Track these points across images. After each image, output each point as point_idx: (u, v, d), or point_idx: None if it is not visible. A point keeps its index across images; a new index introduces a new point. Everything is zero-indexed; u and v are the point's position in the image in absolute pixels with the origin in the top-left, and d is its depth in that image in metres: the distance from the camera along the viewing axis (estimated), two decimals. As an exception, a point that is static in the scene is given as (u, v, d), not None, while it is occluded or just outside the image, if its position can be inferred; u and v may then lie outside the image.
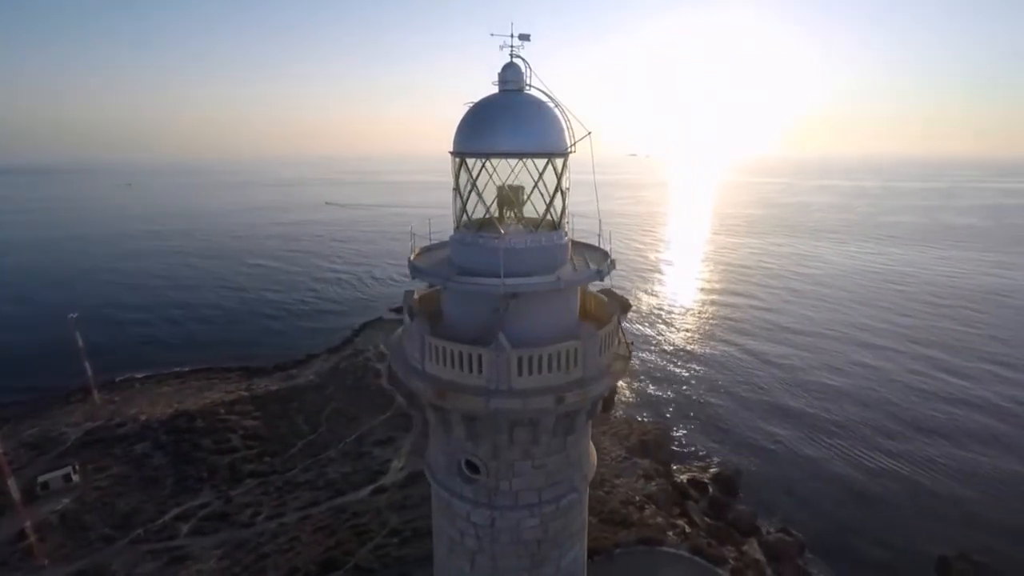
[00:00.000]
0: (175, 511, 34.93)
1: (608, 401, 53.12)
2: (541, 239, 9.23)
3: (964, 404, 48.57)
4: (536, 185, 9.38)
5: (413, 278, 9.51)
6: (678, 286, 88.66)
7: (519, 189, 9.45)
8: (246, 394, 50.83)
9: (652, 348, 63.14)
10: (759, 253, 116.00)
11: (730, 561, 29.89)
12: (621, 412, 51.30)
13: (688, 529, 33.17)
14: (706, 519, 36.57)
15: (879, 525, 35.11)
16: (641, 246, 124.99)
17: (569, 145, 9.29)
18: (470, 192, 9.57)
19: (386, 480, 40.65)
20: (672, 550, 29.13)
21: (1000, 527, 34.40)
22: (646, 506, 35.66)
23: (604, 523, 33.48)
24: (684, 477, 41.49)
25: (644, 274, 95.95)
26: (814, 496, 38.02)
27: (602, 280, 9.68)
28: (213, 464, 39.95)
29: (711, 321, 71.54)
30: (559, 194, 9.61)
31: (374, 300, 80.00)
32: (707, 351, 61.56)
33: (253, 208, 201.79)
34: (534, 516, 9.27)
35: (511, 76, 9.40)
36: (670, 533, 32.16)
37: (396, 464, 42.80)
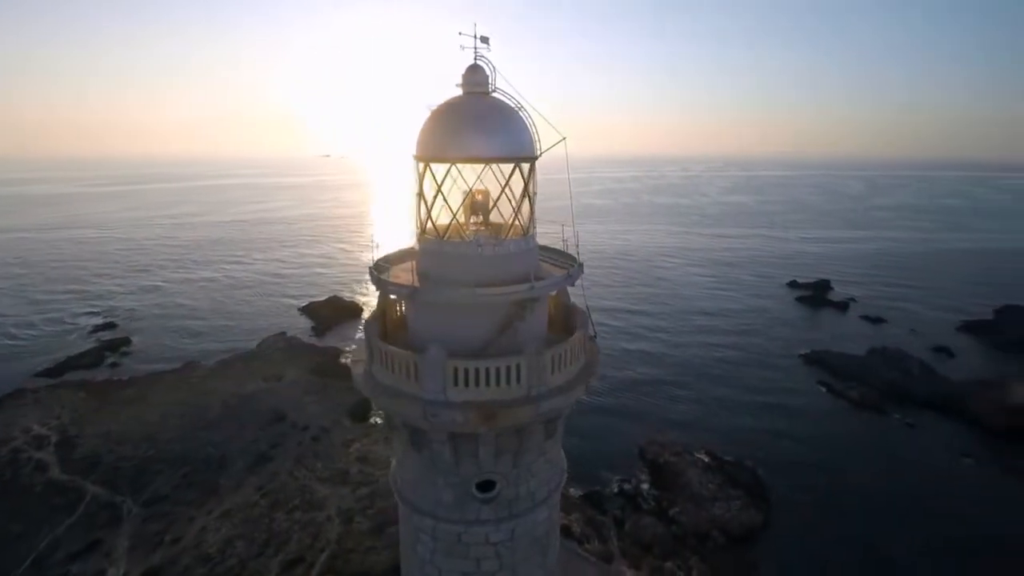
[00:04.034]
0: None
1: (365, 413, 51.88)
2: (529, 243, 9.02)
3: (638, 337, 66.02)
4: (527, 190, 9.07)
5: (412, 299, 7.83)
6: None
7: (487, 194, 8.94)
8: None
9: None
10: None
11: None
12: (378, 418, 50.72)
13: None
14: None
15: (602, 440, 45.36)
16: (353, 248, 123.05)
17: (538, 149, 9.28)
18: (465, 200, 8.51)
19: (105, 598, 30.20)
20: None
21: (674, 418, 48.76)
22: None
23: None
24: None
25: (359, 276, 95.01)
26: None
27: (582, 271, 10.08)
28: None
29: None
30: (524, 199, 9.49)
31: (-6, 372, 55.39)
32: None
33: None
34: (546, 508, 9.24)
35: (479, 79, 8.78)
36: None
37: (113, 573, 32.07)
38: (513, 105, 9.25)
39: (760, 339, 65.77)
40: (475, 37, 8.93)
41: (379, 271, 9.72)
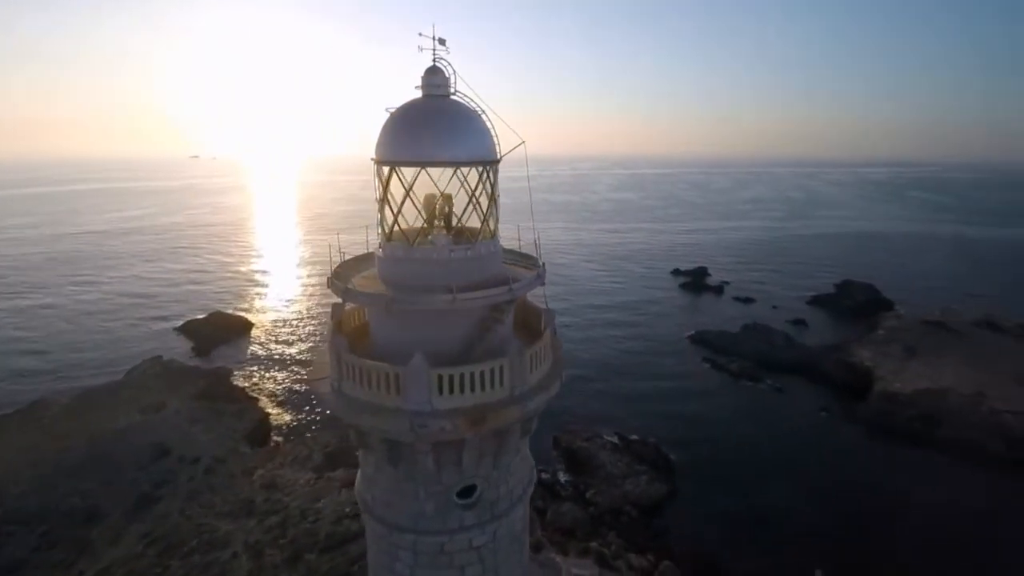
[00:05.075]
0: None
1: (265, 436, 48.48)
2: (497, 245, 8.81)
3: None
4: (473, 193, 8.78)
5: (389, 308, 7.17)
6: (283, 296, 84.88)
7: (450, 198, 8.58)
8: None
9: (278, 367, 59.25)
10: (355, 248, 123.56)
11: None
12: (281, 439, 47.48)
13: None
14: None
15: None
16: (233, 258, 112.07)
17: (499, 152, 9.09)
18: (435, 205, 7.97)
19: None
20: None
21: (584, 407, 50.74)
22: (360, 513, 35.23)
23: (327, 551, 31.31)
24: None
25: (244, 289, 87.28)
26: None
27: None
28: None
29: (321, 322, 71.76)
30: (493, 202, 9.28)
31: None
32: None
33: None
34: (522, 504, 9.17)
35: (438, 80, 8.35)
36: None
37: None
38: (475, 108, 9.23)
39: (652, 325, 71.29)
40: (434, 39, 8.73)
41: (342, 280, 9.13)
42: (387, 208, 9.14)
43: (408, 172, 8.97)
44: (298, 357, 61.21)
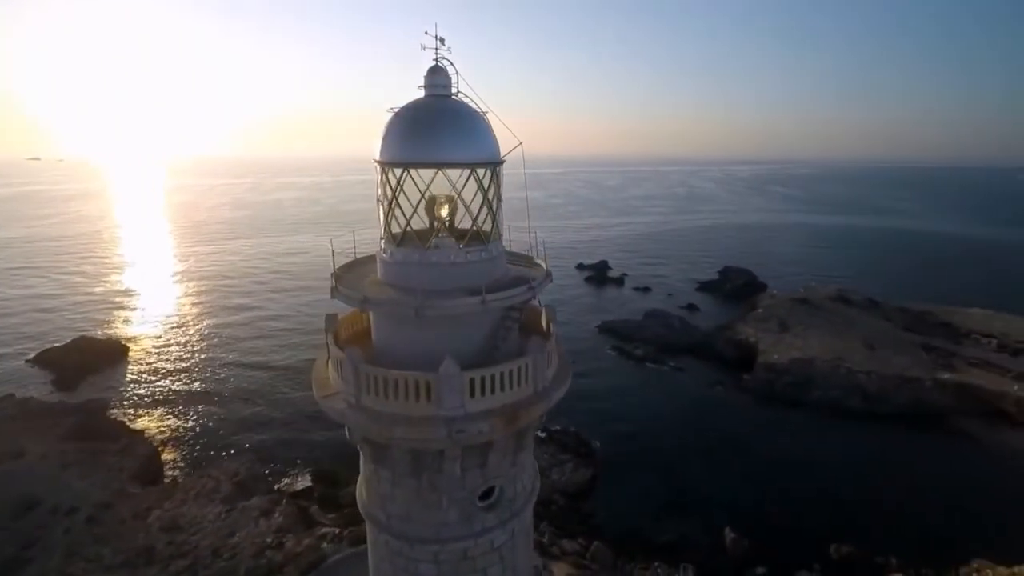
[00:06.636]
0: None
1: (157, 472, 43.69)
2: (500, 247, 8.53)
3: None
4: (486, 195, 8.53)
5: (418, 314, 6.48)
6: (162, 315, 75.85)
7: (452, 199, 8.16)
8: None
9: (165, 394, 53.11)
10: (248, 256, 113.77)
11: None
12: (178, 473, 42.97)
13: (336, 531, 33.12)
14: (329, 515, 37.38)
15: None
16: (93, 277, 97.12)
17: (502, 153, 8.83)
18: (418, 204, 7.57)
19: None
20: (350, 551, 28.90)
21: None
22: (284, 540, 32.74)
23: (255, 586, 28.77)
24: (290, 488, 40.01)
25: (113, 311, 76.57)
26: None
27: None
28: None
29: (209, 342, 65.58)
30: (499, 203, 8.99)
31: None
32: (217, 372, 56.68)
33: None
34: (533, 498, 9.06)
35: (441, 80, 7.86)
36: (324, 545, 31.33)
37: None
38: (477, 109, 9.09)
39: (563, 319, 72.98)
40: (436, 37, 8.45)
41: (349, 287, 8.52)
42: (399, 211, 8.73)
43: (411, 173, 8.65)
44: (189, 382, 55.26)
